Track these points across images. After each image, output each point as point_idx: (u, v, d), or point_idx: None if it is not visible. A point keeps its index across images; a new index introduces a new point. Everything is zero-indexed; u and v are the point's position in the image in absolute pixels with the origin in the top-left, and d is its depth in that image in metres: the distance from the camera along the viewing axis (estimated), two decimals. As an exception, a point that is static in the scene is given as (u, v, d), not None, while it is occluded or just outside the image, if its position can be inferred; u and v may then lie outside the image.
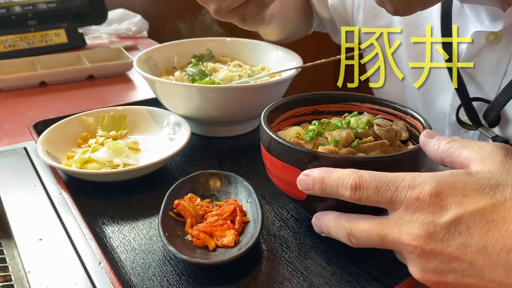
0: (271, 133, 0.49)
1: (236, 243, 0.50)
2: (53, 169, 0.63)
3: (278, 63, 0.82)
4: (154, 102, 0.78)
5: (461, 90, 0.61)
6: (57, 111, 0.85)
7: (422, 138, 0.44)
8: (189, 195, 0.56)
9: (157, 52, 0.83)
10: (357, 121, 0.53)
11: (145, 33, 1.38)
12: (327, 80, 1.30)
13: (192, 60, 0.86)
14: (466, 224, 0.35)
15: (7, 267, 0.54)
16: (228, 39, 0.91)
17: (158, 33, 1.43)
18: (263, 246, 0.52)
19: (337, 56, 0.91)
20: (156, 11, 1.52)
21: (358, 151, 0.49)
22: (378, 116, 0.56)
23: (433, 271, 0.36)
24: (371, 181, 0.38)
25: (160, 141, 0.70)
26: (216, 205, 0.55)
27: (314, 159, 0.45)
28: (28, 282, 0.47)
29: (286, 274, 0.47)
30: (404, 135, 0.54)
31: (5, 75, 0.96)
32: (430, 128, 0.50)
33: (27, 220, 0.56)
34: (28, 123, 0.72)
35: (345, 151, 0.48)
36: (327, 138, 0.50)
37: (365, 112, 0.57)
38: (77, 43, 1.22)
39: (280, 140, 0.48)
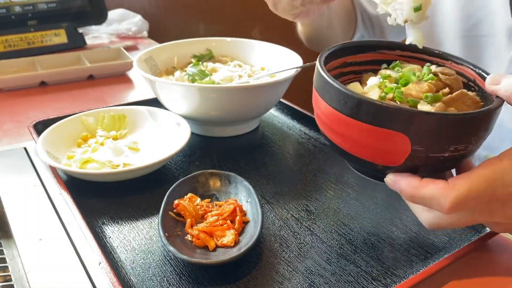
0: (360, 97, 0.42)
1: (236, 243, 0.50)
2: (53, 169, 0.63)
3: (278, 63, 0.82)
4: (154, 102, 0.78)
5: None
6: (57, 111, 0.85)
7: (490, 86, 0.44)
8: (189, 195, 0.56)
9: (157, 52, 0.83)
10: (409, 70, 0.49)
11: (145, 33, 1.38)
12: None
13: (192, 60, 0.86)
14: None
15: (7, 267, 0.54)
16: (228, 39, 0.91)
17: (158, 33, 1.43)
18: (263, 246, 0.51)
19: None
20: (156, 11, 1.52)
21: (446, 104, 0.45)
22: (428, 64, 0.51)
23: None
24: (468, 199, 0.40)
25: (160, 141, 0.70)
26: (216, 205, 0.55)
27: (429, 121, 0.40)
28: (28, 282, 0.47)
29: (286, 274, 0.47)
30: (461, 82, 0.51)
31: (5, 75, 0.96)
32: (480, 69, 0.48)
33: (27, 220, 0.56)
34: (28, 123, 0.72)
35: (438, 107, 0.44)
36: (410, 94, 0.45)
37: (398, 61, 0.52)
38: (77, 43, 1.22)
39: (379, 103, 0.41)
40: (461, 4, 0.72)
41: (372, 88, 0.48)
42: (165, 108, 0.75)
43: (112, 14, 1.39)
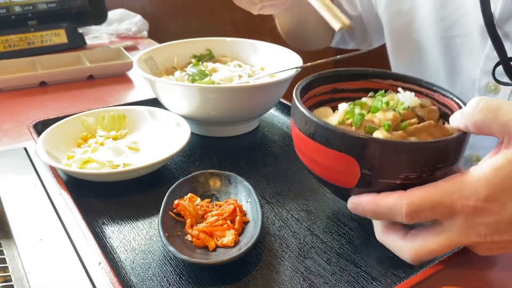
0: (315, 119, 0.45)
1: (236, 243, 0.50)
2: (53, 169, 0.63)
3: (278, 63, 0.82)
4: (154, 102, 0.78)
5: (498, 49, 0.62)
6: (57, 111, 0.85)
7: (451, 121, 0.45)
8: (189, 195, 0.56)
9: (157, 52, 0.83)
10: (391, 100, 0.50)
11: (145, 33, 1.38)
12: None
13: (192, 60, 0.86)
14: None
15: (7, 267, 0.54)
16: (228, 39, 0.91)
17: (158, 33, 1.43)
18: (263, 246, 0.51)
19: (337, 56, 0.92)
20: (156, 11, 1.52)
21: (407, 134, 0.46)
22: (401, 94, 0.51)
23: (501, 248, 0.42)
24: (424, 204, 0.40)
25: (160, 141, 0.70)
26: (216, 205, 0.55)
27: (374, 146, 0.42)
28: (28, 282, 0.47)
29: (286, 274, 0.47)
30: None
31: (5, 75, 0.96)
32: (463, 103, 0.49)
33: (27, 220, 0.56)
34: (28, 123, 0.72)
35: (397, 135, 0.46)
36: (372, 121, 0.47)
37: (399, 89, 0.53)
38: (77, 43, 1.22)
39: (330, 127, 0.44)
40: (436, 7, 0.75)
41: (340, 113, 0.51)
42: (165, 108, 0.75)
43: (112, 14, 1.40)
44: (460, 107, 0.50)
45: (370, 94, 0.53)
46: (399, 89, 0.52)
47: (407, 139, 0.46)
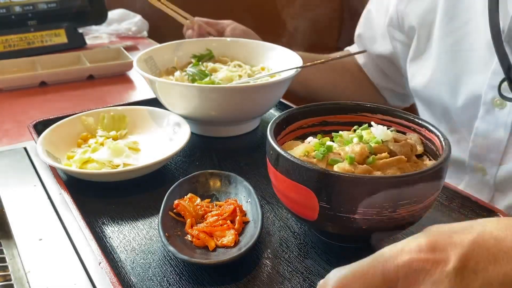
0: (278, 149, 0.45)
1: (236, 243, 0.50)
2: (53, 169, 0.63)
3: (278, 63, 0.82)
4: (154, 102, 0.78)
5: (504, 65, 0.62)
6: (57, 111, 0.85)
7: None
8: (189, 195, 0.56)
9: (157, 52, 0.83)
10: (369, 134, 0.49)
11: (145, 33, 1.38)
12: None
13: (192, 60, 0.86)
14: (474, 260, 0.31)
15: (7, 266, 0.54)
16: (228, 39, 0.91)
17: (158, 33, 1.43)
18: (263, 246, 0.51)
19: (337, 55, 0.92)
20: (156, 11, 1.52)
21: (374, 168, 0.45)
22: (391, 129, 0.51)
23: None
24: (354, 279, 0.33)
25: (160, 141, 0.70)
26: (216, 205, 0.55)
27: (328, 179, 0.41)
28: (28, 282, 0.47)
29: (286, 274, 0.47)
30: (419, 149, 0.51)
31: (5, 75, 0.96)
32: (447, 141, 0.47)
33: (27, 220, 0.56)
34: (28, 123, 0.72)
35: (361, 169, 0.44)
36: (339, 154, 0.47)
37: (372, 122, 0.52)
38: (77, 43, 1.22)
39: (290, 157, 0.44)
40: (445, 21, 0.75)
41: (306, 144, 0.51)
42: (165, 108, 0.75)
43: (112, 14, 1.40)
44: (441, 145, 0.48)
45: (355, 127, 0.52)
46: (372, 123, 0.51)
47: (372, 174, 0.44)
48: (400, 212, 0.42)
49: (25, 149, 0.71)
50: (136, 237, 0.53)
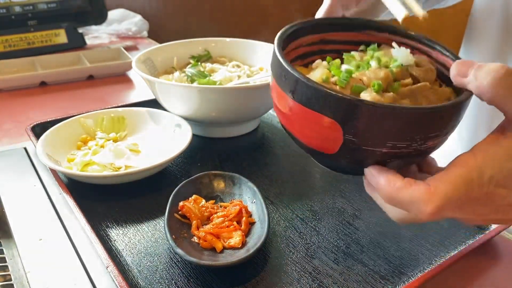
0: (296, 74, 0.38)
1: (244, 244, 0.49)
2: (53, 172, 0.62)
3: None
4: (153, 103, 0.77)
5: None
6: (57, 111, 0.84)
7: (457, 78, 0.39)
8: (194, 196, 0.55)
9: (156, 52, 0.83)
10: (383, 56, 0.44)
11: (145, 33, 1.38)
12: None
13: (191, 60, 0.85)
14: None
15: (7, 266, 0.53)
16: (227, 39, 0.90)
17: (158, 33, 1.42)
18: (270, 247, 0.51)
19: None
20: (156, 11, 1.52)
21: (400, 96, 0.41)
22: (395, 50, 0.45)
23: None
24: (449, 205, 0.36)
25: (160, 142, 0.69)
26: (221, 206, 0.55)
27: (360, 110, 0.36)
28: (28, 282, 0.46)
29: (295, 275, 0.47)
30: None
31: (5, 75, 0.95)
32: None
33: (27, 220, 0.55)
34: (28, 123, 0.71)
35: (388, 98, 0.40)
36: (360, 80, 0.41)
37: (394, 43, 0.46)
38: (77, 43, 1.21)
39: (313, 85, 0.37)
40: None
41: (323, 68, 0.44)
42: (165, 109, 0.74)
43: (112, 14, 1.39)
44: None
45: (361, 47, 0.47)
46: (393, 44, 0.46)
47: (399, 102, 0.40)
48: (429, 144, 0.39)
49: (25, 149, 0.70)
50: (141, 240, 0.52)
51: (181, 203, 0.53)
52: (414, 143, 0.38)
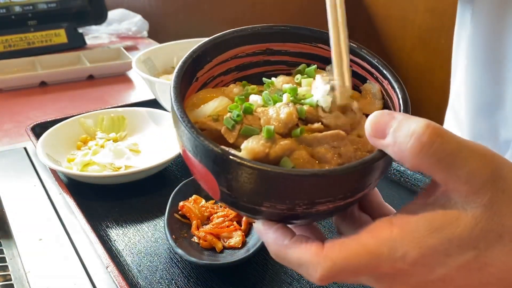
0: (176, 107, 0.33)
1: (244, 244, 0.49)
2: (53, 172, 0.61)
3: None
4: (153, 103, 0.77)
5: None
6: (57, 111, 0.84)
7: (373, 139, 0.31)
8: (194, 196, 0.55)
9: (156, 52, 0.83)
10: (310, 84, 0.36)
11: (145, 33, 1.38)
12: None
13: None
14: (450, 277, 0.31)
15: (7, 266, 0.53)
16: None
17: (158, 33, 1.42)
18: (270, 247, 0.51)
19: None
20: (156, 11, 1.52)
21: (301, 143, 0.33)
22: (322, 80, 0.36)
23: None
24: (346, 270, 0.30)
25: (160, 142, 0.69)
26: (221, 207, 0.55)
27: (227, 165, 0.31)
28: (28, 282, 0.46)
29: (295, 275, 0.47)
30: (378, 105, 0.38)
31: (5, 75, 0.95)
32: (407, 106, 0.34)
33: (27, 220, 0.55)
34: (28, 123, 0.71)
35: (281, 146, 0.33)
36: (258, 120, 0.34)
37: (318, 76, 0.37)
38: (77, 43, 1.21)
39: (185, 125, 0.32)
40: None
41: (220, 98, 0.38)
42: (165, 109, 0.74)
43: (112, 14, 1.39)
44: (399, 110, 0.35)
45: (300, 67, 0.39)
46: (318, 76, 0.37)
47: (294, 153, 0.33)
48: (319, 208, 0.32)
49: (25, 149, 0.70)
50: (141, 240, 0.52)
51: (181, 203, 0.53)
52: (297, 206, 0.32)
